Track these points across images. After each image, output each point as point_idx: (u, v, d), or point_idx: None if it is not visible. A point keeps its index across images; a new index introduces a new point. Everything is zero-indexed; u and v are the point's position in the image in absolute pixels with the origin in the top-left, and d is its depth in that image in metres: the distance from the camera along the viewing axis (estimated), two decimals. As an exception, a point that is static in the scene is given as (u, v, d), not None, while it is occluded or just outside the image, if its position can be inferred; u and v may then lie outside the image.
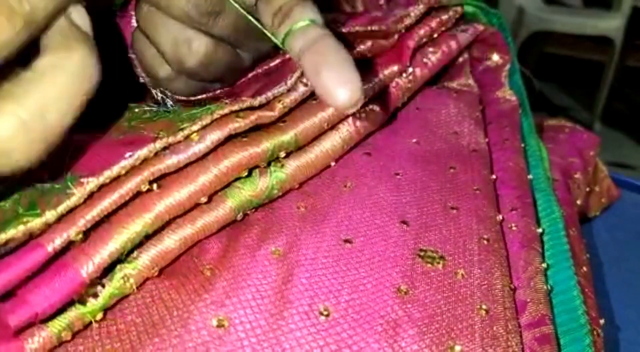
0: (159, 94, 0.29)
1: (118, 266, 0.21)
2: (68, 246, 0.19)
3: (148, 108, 0.26)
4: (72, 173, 0.21)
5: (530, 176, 0.33)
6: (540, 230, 0.29)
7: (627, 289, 0.37)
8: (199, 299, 0.21)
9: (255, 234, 0.25)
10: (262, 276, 0.22)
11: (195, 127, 0.23)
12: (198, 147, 0.23)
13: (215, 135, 0.23)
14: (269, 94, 0.26)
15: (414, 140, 0.34)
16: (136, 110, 0.26)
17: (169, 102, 0.28)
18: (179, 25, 0.25)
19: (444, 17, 0.39)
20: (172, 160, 0.22)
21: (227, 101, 0.25)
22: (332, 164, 0.30)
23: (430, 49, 0.38)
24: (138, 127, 0.24)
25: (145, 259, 0.21)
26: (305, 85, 0.28)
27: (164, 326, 0.20)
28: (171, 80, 0.28)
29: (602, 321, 0.26)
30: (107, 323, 0.20)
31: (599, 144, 0.44)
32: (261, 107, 0.26)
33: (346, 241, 0.25)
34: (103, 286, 0.20)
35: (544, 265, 0.26)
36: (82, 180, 0.20)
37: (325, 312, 0.21)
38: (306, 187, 0.28)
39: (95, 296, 0.20)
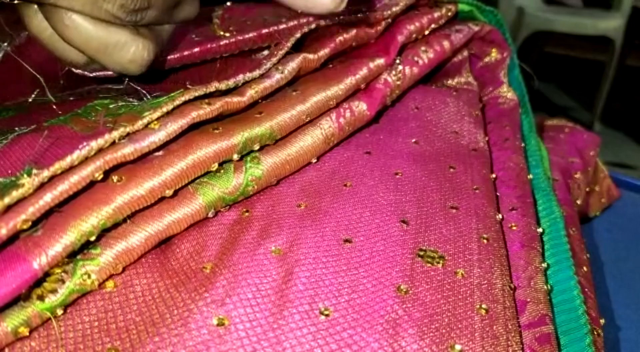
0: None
1: (80, 263, 0.20)
2: (19, 237, 0.19)
3: (123, 103, 0.25)
4: (29, 166, 0.20)
5: (530, 176, 0.33)
6: (540, 230, 0.29)
7: (627, 289, 0.36)
8: (199, 297, 0.21)
9: (255, 232, 0.25)
10: (263, 274, 0.22)
11: (155, 115, 0.22)
12: (158, 136, 0.22)
13: (177, 124, 0.22)
14: (239, 78, 0.25)
15: (414, 139, 0.34)
16: (111, 106, 0.25)
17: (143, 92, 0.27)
18: (102, 27, 0.24)
19: (436, 14, 0.39)
20: (128, 149, 0.21)
21: (193, 87, 0.24)
22: (314, 160, 0.30)
23: (422, 48, 0.38)
24: (107, 121, 0.23)
25: (108, 256, 0.21)
26: (282, 72, 0.27)
27: (164, 325, 0.20)
28: (90, 64, 0.26)
29: (602, 321, 0.26)
30: (108, 321, 0.20)
31: (599, 144, 0.44)
32: (230, 92, 0.25)
33: (346, 240, 0.25)
34: (63, 283, 0.20)
35: (544, 265, 0.26)
36: (34, 171, 0.19)
37: (325, 312, 0.21)
38: (306, 185, 0.28)
39: (55, 292, 0.20)
